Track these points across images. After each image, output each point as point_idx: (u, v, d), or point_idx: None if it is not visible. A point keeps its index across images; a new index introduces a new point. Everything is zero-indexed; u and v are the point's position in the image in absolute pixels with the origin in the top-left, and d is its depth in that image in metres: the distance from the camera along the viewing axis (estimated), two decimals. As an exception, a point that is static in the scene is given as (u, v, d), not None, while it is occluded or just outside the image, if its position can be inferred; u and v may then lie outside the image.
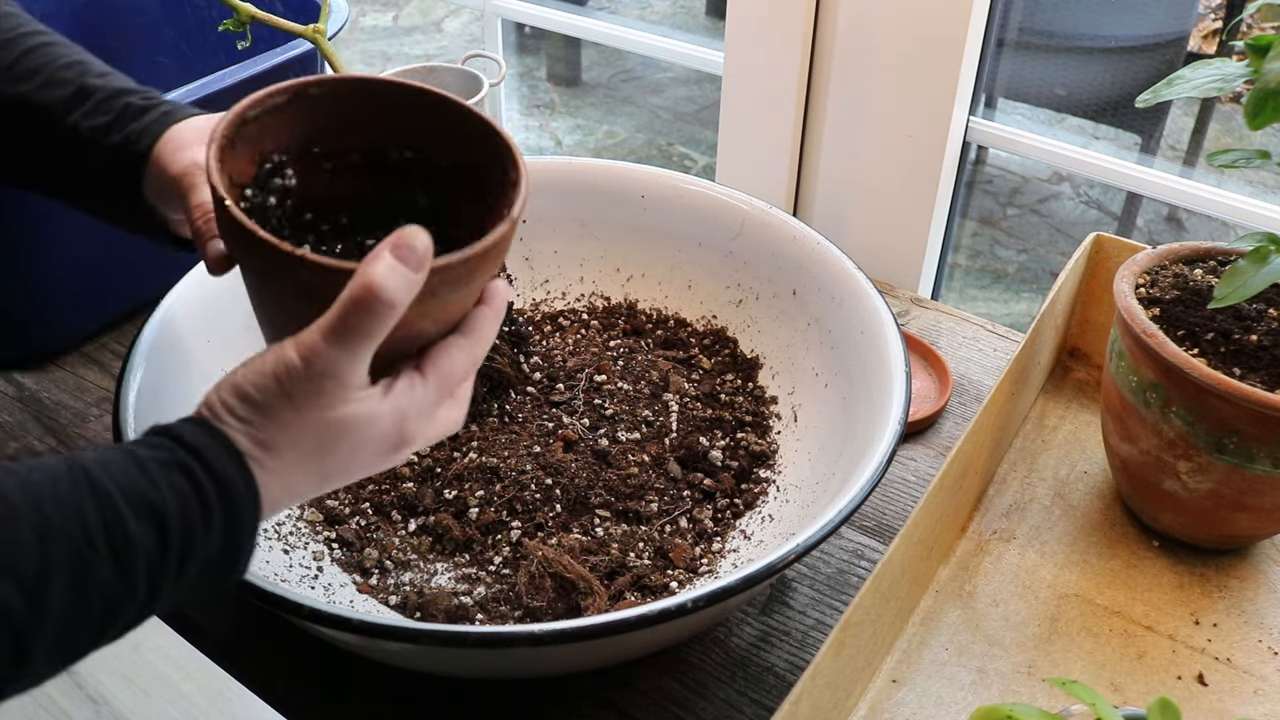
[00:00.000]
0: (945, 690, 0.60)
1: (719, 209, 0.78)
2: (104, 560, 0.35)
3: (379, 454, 0.44)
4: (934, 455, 0.77)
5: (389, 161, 0.50)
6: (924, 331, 0.89)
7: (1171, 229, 2.06)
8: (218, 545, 0.39)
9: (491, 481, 0.67)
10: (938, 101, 0.89)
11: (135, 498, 0.37)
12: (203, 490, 0.38)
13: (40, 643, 0.34)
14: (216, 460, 0.39)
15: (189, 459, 0.39)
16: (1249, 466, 0.61)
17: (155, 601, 0.38)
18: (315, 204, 0.50)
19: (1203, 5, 1.90)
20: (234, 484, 0.39)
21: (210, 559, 0.39)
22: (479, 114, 0.49)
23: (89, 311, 0.85)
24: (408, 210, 0.51)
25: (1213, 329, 0.64)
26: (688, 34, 1.27)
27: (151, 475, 0.38)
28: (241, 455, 0.40)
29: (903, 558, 0.58)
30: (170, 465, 0.38)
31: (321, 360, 0.40)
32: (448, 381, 0.44)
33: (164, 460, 0.38)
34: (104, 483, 0.36)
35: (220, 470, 0.39)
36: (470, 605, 0.60)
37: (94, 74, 0.57)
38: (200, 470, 0.38)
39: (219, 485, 0.39)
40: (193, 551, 0.38)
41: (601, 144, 2.52)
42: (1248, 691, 0.60)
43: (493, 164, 0.49)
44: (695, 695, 0.59)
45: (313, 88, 0.47)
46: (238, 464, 0.40)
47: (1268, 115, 0.55)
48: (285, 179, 0.48)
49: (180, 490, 0.38)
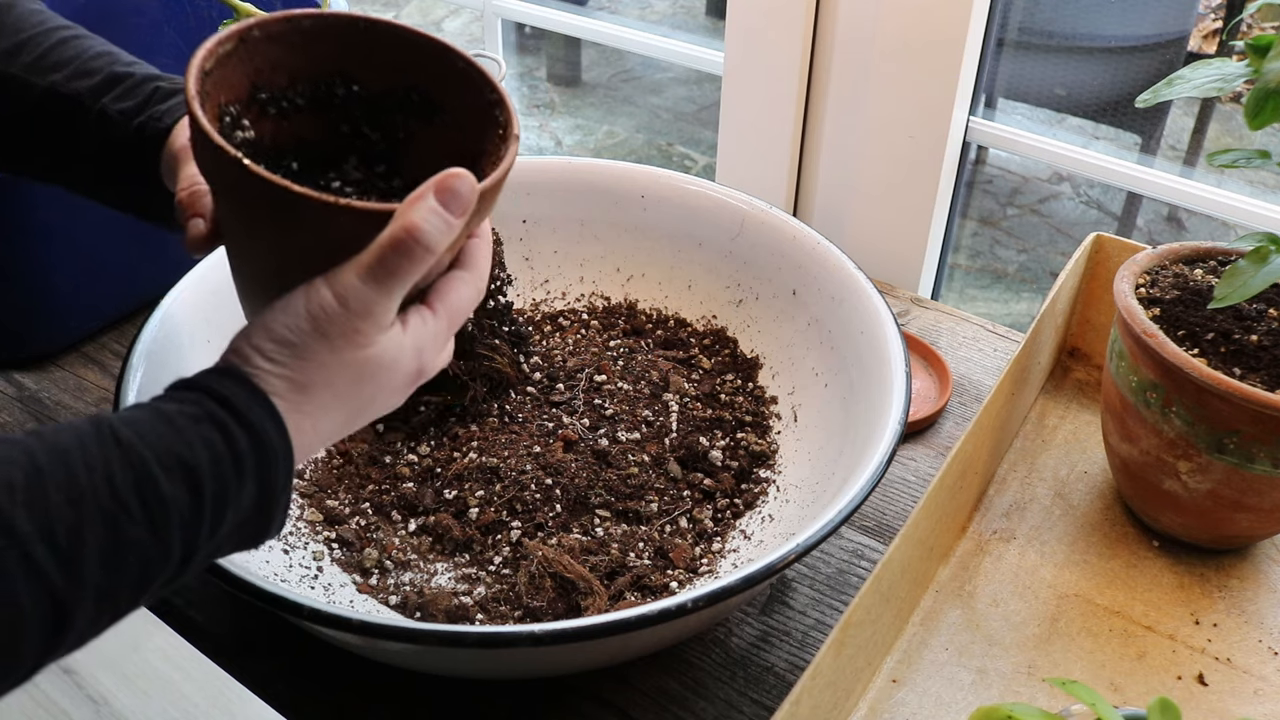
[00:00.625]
0: (945, 690, 0.60)
1: (719, 209, 0.78)
2: (137, 521, 0.35)
3: (400, 389, 0.44)
4: (934, 455, 0.77)
5: (334, 98, 0.49)
6: (924, 331, 0.89)
7: (1171, 229, 2.06)
8: (252, 497, 0.38)
9: (491, 481, 0.67)
10: (938, 101, 0.89)
11: (166, 455, 0.36)
12: (234, 441, 0.37)
13: (79, 606, 0.34)
14: (248, 409, 0.38)
15: (219, 410, 0.38)
16: (1249, 466, 0.61)
17: (191, 559, 0.37)
18: (267, 152, 0.49)
19: (1203, 5, 1.90)
20: (266, 432, 0.38)
21: (244, 512, 0.38)
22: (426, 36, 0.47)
23: (89, 312, 0.85)
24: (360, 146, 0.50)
25: (1213, 329, 0.64)
26: (688, 34, 1.27)
27: (181, 430, 0.37)
28: (272, 402, 0.39)
29: (903, 558, 0.58)
30: (200, 419, 0.37)
31: (358, 300, 0.40)
32: (457, 314, 0.45)
33: (194, 414, 0.37)
34: (133, 442, 0.36)
35: (253, 419, 0.38)
36: (470, 605, 0.60)
37: (122, 63, 0.58)
38: (232, 421, 0.38)
39: (251, 434, 0.38)
40: (226, 505, 0.37)
41: (601, 144, 2.52)
42: (1248, 691, 0.60)
43: (450, 85, 0.48)
44: (695, 695, 0.59)
45: (255, 29, 0.45)
46: (269, 411, 0.39)
47: (1268, 115, 0.55)
48: (244, 130, 0.47)
49: (211, 443, 0.37)
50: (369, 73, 0.49)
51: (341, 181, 0.50)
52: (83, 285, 0.82)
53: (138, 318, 0.68)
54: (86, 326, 0.86)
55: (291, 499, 0.41)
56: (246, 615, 0.63)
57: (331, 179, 0.50)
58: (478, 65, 0.47)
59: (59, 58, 0.56)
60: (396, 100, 0.49)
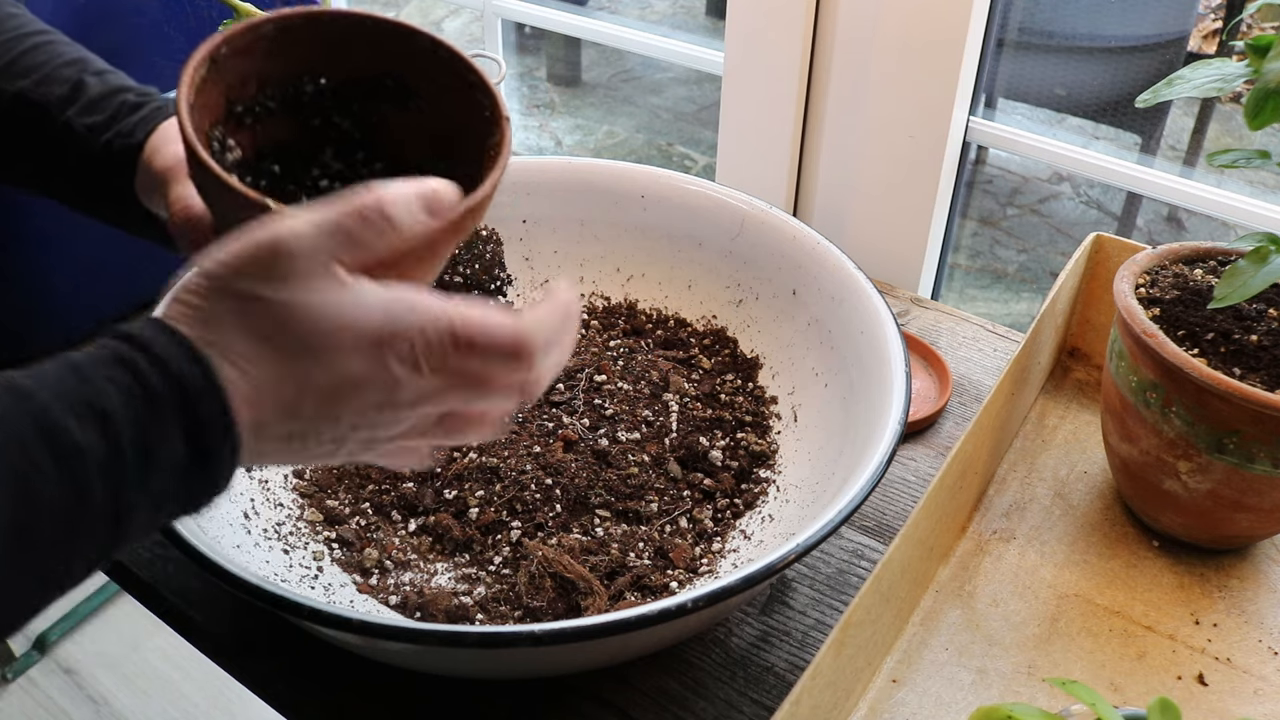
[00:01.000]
0: (945, 690, 0.60)
1: (719, 209, 0.78)
2: (48, 476, 0.32)
3: (373, 371, 0.37)
4: (934, 455, 0.77)
5: (303, 95, 0.49)
6: (924, 331, 0.89)
7: (1171, 229, 2.06)
8: (180, 441, 0.35)
9: (491, 481, 0.67)
10: (938, 102, 0.89)
11: (72, 400, 0.33)
12: (145, 380, 0.34)
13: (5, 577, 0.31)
14: (162, 349, 0.35)
15: (130, 351, 0.35)
16: (1249, 466, 0.61)
17: (126, 517, 0.34)
18: (251, 164, 0.48)
19: (1203, 5, 1.90)
20: (183, 371, 0.35)
21: (178, 459, 0.35)
22: (390, 22, 0.47)
23: (89, 312, 0.85)
24: (334, 137, 0.50)
25: (1213, 329, 0.64)
26: (688, 34, 1.27)
27: (87, 375, 0.34)
28: (189, 341, 0.35)
29: (903, 558, 0.58)
30: (109, 361, 0.35)
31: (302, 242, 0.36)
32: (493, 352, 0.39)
33: (103, 358, 0.35)
34: (36, 392, 0.33)
35: (167, 358, 0.35)
36: (470, 605, 0.60)
37: (92, 71, 0.56)
38: (143, 360, 0.35)
39: (162, 369, 0.35)
40: (151, 450, 0.34)
41: (601, 144, 2.52)
42: (1248, 691, 0.60)
43: (421, 68, 0.47)
44: (695, 695, 0.59)
45: (223, 47, 0.45)
46: (185, 349, 0.35)
47: (1268, 115, 0.55)
48: (231, 151, 0.46)
49: (120, 383, 0.34)
50: (335, 66, 0.48)
51: (323, 173, 0.50)
52: (82, 286, 0.82)
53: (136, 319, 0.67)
54: (86, 327, 0.86)
55: (238, 450, 0.36)
56: (246, 615, 0.63)
57: (316, 175, 0.50)
58: (449, 46, 0.47)
59: (30, 63, 0.55)
60: (366, 88, 0.49)
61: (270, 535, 0.63)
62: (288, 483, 0.68)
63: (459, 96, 0.47)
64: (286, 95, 0.48)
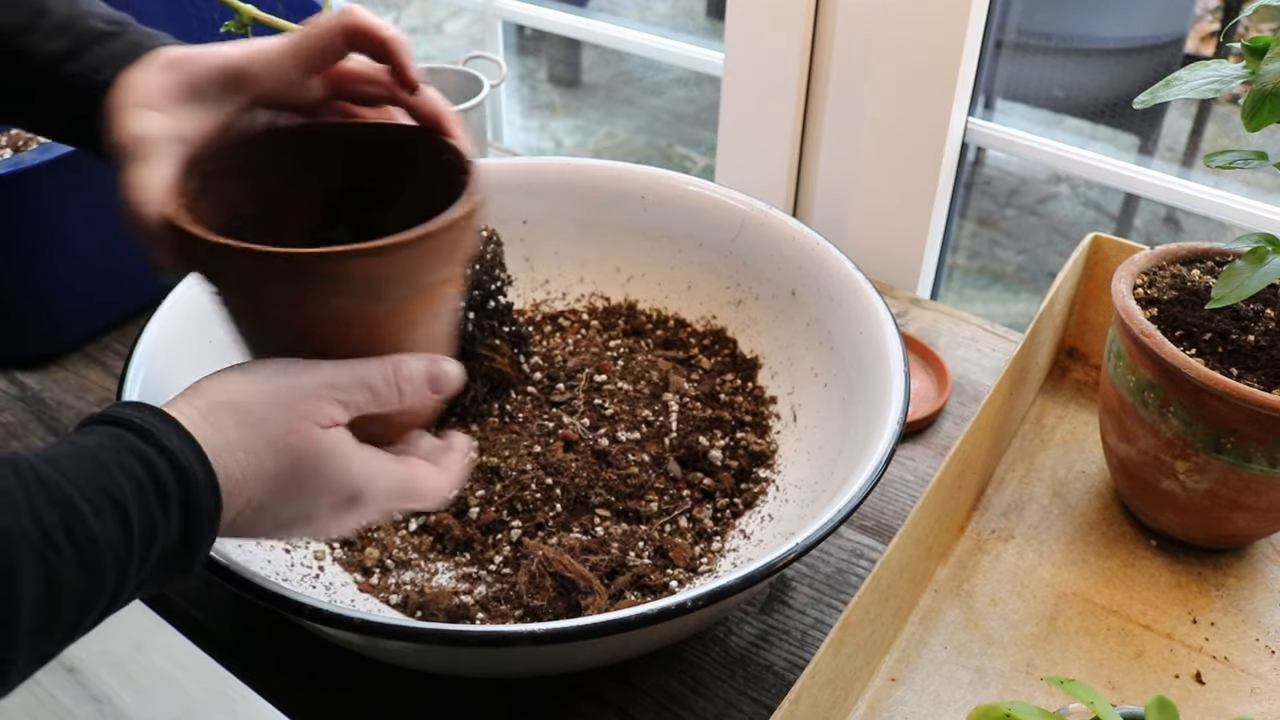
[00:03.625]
0: (944, 689, 0.60)
1: (719, 209, 0.79)
2: (69, 562, 0.35)
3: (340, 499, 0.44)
4: (933, 455, 0.77)
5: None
6: (923, 332, 0.89)
7: (1169, 230, 2.07)
8: (178, 528, 0.38)
9: (492, 481, 0.68)
10: (937, 102, 0.89)
11: (92, 492, 0.36)
12: (157, 470, 0.37)
13: (17, 650, 0.34)
14: (166, 437, 0.38)
15: (138, 441, 0.38)
16: (1246, 466, 0.61)
17: (121, 593, 0.37)
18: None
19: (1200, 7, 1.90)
20: (186, 458, 0.38)
21: (171, 543, 0.38)
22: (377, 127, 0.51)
23: (91, 312, 0.85)
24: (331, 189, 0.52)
25: (1210, 329, 0.65)
26: (687, 35, 1.28)
27: (104, 464, 0.36)
28: (188, 430, 0.39)
29: (902, 557, 0.58)
30: (121, 450, 0.37)
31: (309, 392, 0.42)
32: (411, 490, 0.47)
33: (114, 446, 0.37)
34: (57, 481, 0.35)
35: (172, 446, 0.38)
36: (471, 604, 0.61)
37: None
38: (152, 450, 0.37)
39: (172, 462, 0.38)
40: (154, 537, 0.37)
41: (601, 145, 2.52)
42: (1245, 690, 0.61)
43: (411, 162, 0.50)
44: (695, 694, 0.59)
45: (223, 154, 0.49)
46: (187, 439, 0.39)
47: (1265, 117, 0.55)
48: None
49: (135, 476, 0.37)
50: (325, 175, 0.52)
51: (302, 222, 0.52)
52: (85, 285, 0.83)
53: (140, 318, 0.68)
54: (89, 326, 0.86)
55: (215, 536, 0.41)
56: (248, 615, 0.63)
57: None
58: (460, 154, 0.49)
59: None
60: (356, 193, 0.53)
61: (272, 535, 0.63)
62: (289, 482, 0.68)
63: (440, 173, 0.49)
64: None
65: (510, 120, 2.27)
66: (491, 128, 1.28)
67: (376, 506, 0.46)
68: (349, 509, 0.45)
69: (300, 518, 0.44)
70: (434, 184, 0.48)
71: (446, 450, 0.49)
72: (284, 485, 0.42)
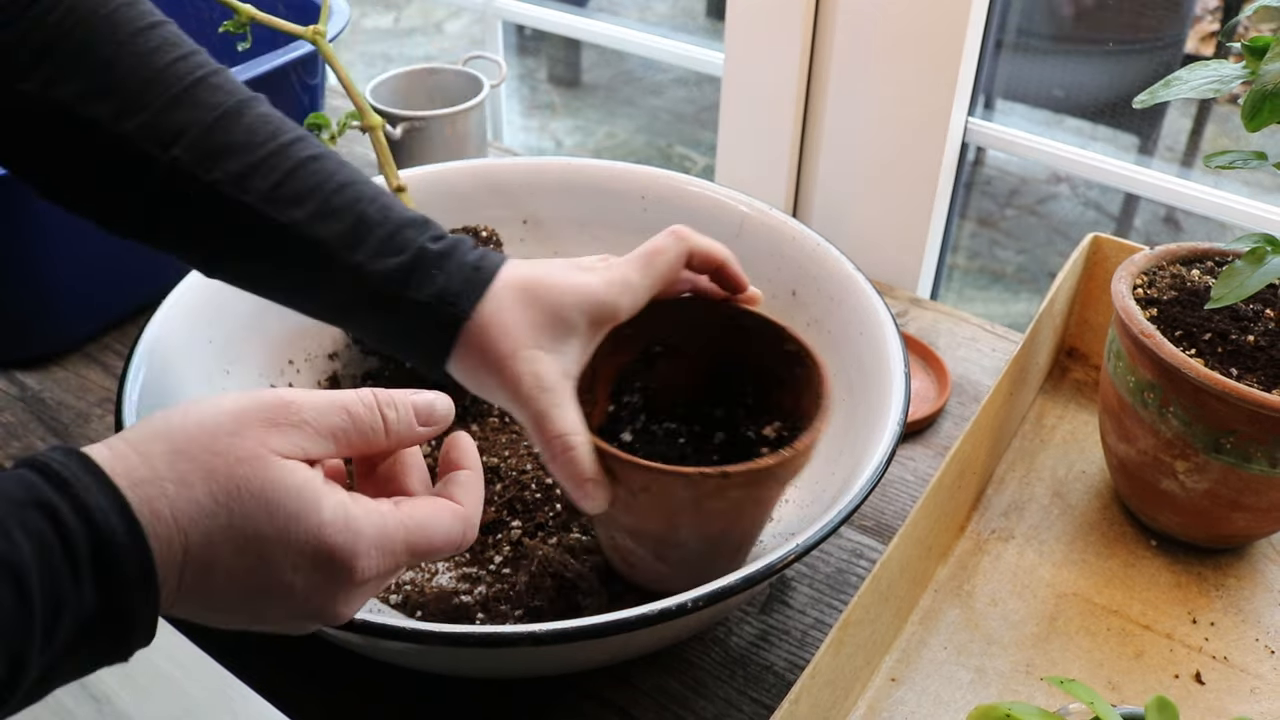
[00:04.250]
0: (944, 689, 0.60)
1: (719, 209, 0.79)
2: None
3: (307, 559, 0.35)
4: (933, 455, 0.77)
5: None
6: (923, 332, 0.89)
7: (1169, 230, 2.07)
8: (93, 600, 0.31)
9: (492, 481, 0.68)
10: (937, 103, 0.89)
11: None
12: (67, 531, 0.31)
13: None
14: (88, 494, 0.32)
15: (51, 493, 0.31)
16: (1246, 466, 0.61)
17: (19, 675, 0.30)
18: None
19: (1200, 7, 1.90)
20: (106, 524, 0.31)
21: (88, 617, 0.31)
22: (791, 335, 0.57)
23: (91, 312, 0.85)
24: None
25: (1210, 329, 0.65)
26: (687, 35, 1.28)
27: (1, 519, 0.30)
28: (115, 485, 0.32)
29: (902, 557, 0.58)
30: (28, 504, 0.31)
31: (246, 419, 0.36)
32: (419, 538, 0.39)
33: (21, 499, 0.31)
34: None
35: (92, 507, 0.31)
36: (471, 604, 0.61)
37: (369, 199, 0.49)
38: (66, 506, 0.31)
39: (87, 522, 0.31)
40: (61, 608, 0.31)
41: (601, 145, 2.52)
42: (1245, 690, 0.61)
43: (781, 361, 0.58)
44: (695, 694, 0.59)
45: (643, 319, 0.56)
46: (112, 495, 0.32)
47: (1265, 117, 0.55)
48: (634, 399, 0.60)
49: (37, 533, 0.31)
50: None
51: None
52: (85, 285, 0.83)
53: (140, 318, 0.68)
54: (89, 326, 0.86)
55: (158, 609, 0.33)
56: (248, 615, 0.63)
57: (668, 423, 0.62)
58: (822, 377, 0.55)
59: (300, 187, 0.47)
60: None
61: (272, 535, 0.63)
62: (289, 483, 0.68)
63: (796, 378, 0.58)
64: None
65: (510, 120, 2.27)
66: (491, 128, 1.28)
67: (373, 566, 0.37)
68: (333, 578, 0.36)
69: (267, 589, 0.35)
70: (773, 369, 0.58)
71: (452, 479, 0.42)
72: (229, 531, 0.34)
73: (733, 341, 0.59)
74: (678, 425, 0.63)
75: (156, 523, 0.33)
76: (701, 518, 0.52)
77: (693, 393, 0.62)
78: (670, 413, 0.63)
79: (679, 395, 0.62)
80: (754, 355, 0.59)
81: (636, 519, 0.54)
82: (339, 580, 0.36)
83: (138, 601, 0.33)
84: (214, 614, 0.37)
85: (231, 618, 0.37)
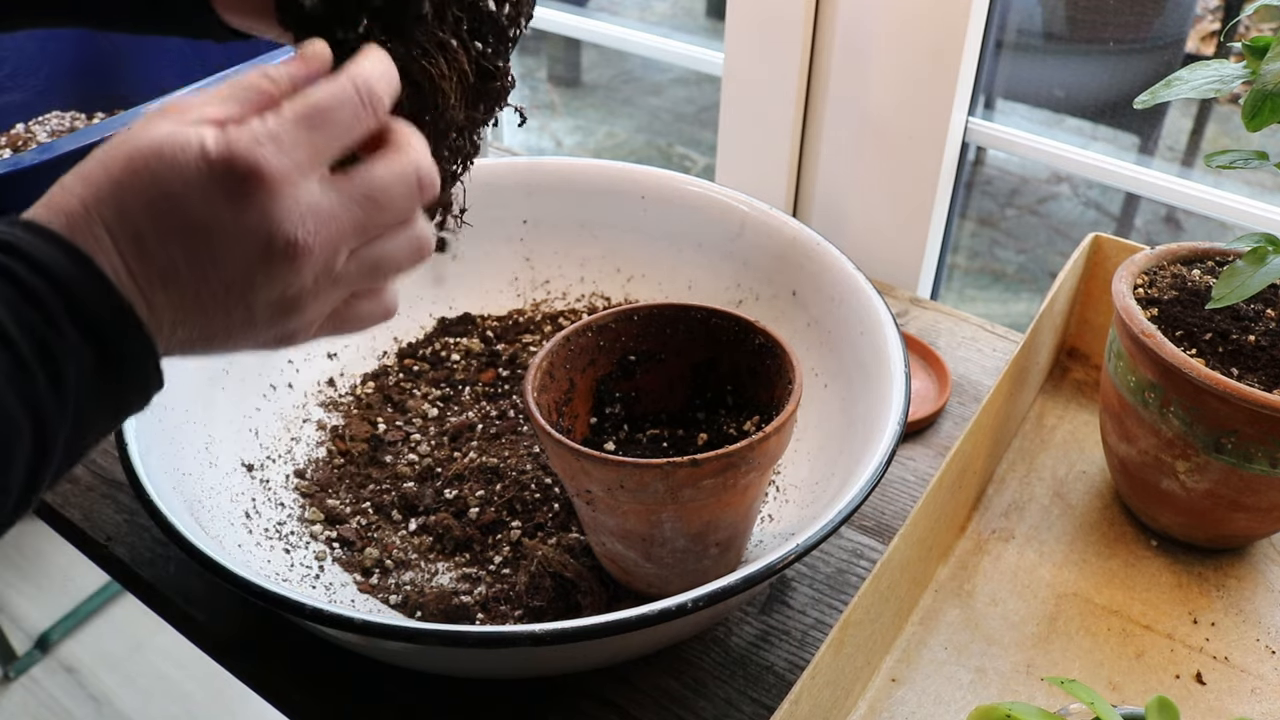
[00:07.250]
0: (944, 689, 0.60)
1: (719, 209, 0.79)
2: None
3: (233, 223, 0.35)
4: (933, 455, 0.77)
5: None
6: (923, 332, 0.89)
7: (1169, 229, 2.07)
8: (74, 339, 0.33)
9: (491, 481, 0.68)
10: (937, 102, 0.89)
11: None
12: (18, 279, 0.33)
13: None
14: (29, 245, 0.33)
15: (5, 259, 0.33)
16: (1246, 466, 0.61)
17: (47, 428, 0.33)
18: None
19: (1200, 6, 1.90)
20: (47, 262, 0.33)
21: (85, 364, 0.33)
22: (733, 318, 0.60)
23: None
24: None
25: (1211, 329, 0.65)
26: (687, 35, 1.28)
27: None
28: (52, 230, 0.34)
29: (902, 557, 0.58)
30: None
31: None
32: (368, 187, 0.37)
33: None
34: None
35: (32, 252, 0.33)
36: (471, 605, 0.61)
37: None
38: (21, 267, 0.33)
39: (47, 276, 0.33)
40: (54, 357, 0.33)
41: (602, 145, 2.52)
42: (1245, 690, 0.61)
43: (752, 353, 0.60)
44: (695, 694, 0.59)
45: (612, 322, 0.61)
46: (44, 237, 0.33)
47: (1265, 116, 0.56)
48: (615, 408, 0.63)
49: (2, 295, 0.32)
50: None
51: None
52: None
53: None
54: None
55: (149, 340, 0.35)
56: (248, 615, 0.63)
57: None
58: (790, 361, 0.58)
59: None
60: None
61: (271, 535, 0.63)
62: (289, 482, 0.68)
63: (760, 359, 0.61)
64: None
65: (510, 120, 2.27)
66: (491, 127, 1.28)
67: (285, 164, 0.35)
68: (251, 202, 0.35)
69: (206, 234, 0.35)
70: (748, 365, 0.61)
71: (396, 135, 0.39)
72: (135, 192, 0.35)
73: (706, 343, 0.62)
74: (661, 431, 0.64)
75: (70, 220, 0.34)
76: (681, 511, 0.54)
77: (674, 398, 0.64)
78: (654, 420, 0.65)
79: (661, 402, 0.64)
80: (728, 354, 0.61)
81: (620, 520, 0.55)
82: (259, 207, 0.35)
83: (117, 332, 0.34)
84: (189, 310, 0.36)
85: (207, 308, 0.37)
